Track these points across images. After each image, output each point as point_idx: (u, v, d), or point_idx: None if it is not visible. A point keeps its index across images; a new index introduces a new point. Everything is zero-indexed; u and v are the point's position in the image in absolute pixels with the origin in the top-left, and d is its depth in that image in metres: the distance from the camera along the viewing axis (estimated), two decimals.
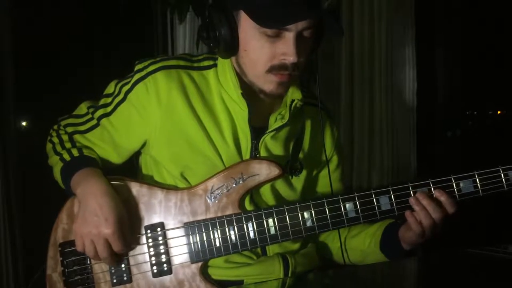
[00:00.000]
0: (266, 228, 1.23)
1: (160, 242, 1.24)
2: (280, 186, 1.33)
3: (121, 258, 1.23)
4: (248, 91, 1.26)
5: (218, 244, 1.23)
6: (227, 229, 1.23)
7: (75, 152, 1.30)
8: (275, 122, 1.29)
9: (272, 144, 1.31)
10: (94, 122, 1.33)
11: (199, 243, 1.23)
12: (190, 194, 1.26)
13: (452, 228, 1.25)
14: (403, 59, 3.13)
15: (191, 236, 1.24)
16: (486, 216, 3.22)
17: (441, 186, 1.23)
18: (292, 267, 1.31)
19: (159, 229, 1.25)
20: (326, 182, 1.39)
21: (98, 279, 1.25)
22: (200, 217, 1.24)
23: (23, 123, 3.09)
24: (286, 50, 1.17)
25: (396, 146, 3.13)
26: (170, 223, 1.25)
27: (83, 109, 1.37)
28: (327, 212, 1.23)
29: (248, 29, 1.19)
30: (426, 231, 1.22)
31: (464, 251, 1.37)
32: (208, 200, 1.25)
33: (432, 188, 1.22)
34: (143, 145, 1.33)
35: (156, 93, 1.26)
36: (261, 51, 1.19)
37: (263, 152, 1.30)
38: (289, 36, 1.16)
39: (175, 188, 1.28)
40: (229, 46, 1.21)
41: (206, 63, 1.32)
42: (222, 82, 1.29)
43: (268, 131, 1.29)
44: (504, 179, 1.21)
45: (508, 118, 3.90)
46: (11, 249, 2.33)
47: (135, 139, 1.31)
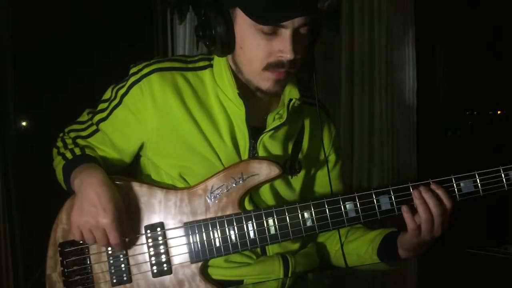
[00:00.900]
0: (266, 228, 1.23)
1: (160, 242, 1.24)
2: (279, 186, 1.32)
3: (120, 248, 1.21)
4: (245, 91, 1.25)
5: (218, 244, 1.23)
6: (227, 229, 1.23)
7: (77, 151, 1.30)
8: (273, 121, 1.29)
9: (270, 143, 1.31)
10: (94, 128, 1.34)
11: (199, 243, 1.23)
12: (190, 194, 1.25)
13: (452, 228, 1.25)
14: (403, 59, 3.13)
15: (191, 236, 1.23)
16: (486, 216, 3.23)
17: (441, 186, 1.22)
18: (292, 267, 1.30)
19: (159, 229, 1.24)
20: (325, 181, 1.39)
21: (97, 279, 1.24)
22: (200, 217, 1.24)
23: (23, 123, 3.08)
24: (283, 47, 1.16)
25: (396, 146, 3.13)
26: (170, 223, 1.25)
27: (85, 115, 1.39)
28: (327, 212, 1.23)
29: (244, 26, 1.18)
30: (423, 226, 1.20)
31: (464, 251, 1.37)
32: (208, 200, 1.25)
33: (431, 181, 1.22)
34: (141, 147, 1.33)
35: (151, 95, 1.26)
36: (257, 49, 1.18)
37: (261, 152, 1.30)
38: (285, 33, 1.15)
39: (174, 188, 1.28)
40: (225, 44, 1.21)
41: (201, 63, 1.32)
42: (218, 82, 1.29)
43: (266, 130, 1.28)
44: (504, 179, 1.21)
45: (508, 118, 3.89)
46: (11, 249, 2.33)
47: (133, 141, 1.31)
